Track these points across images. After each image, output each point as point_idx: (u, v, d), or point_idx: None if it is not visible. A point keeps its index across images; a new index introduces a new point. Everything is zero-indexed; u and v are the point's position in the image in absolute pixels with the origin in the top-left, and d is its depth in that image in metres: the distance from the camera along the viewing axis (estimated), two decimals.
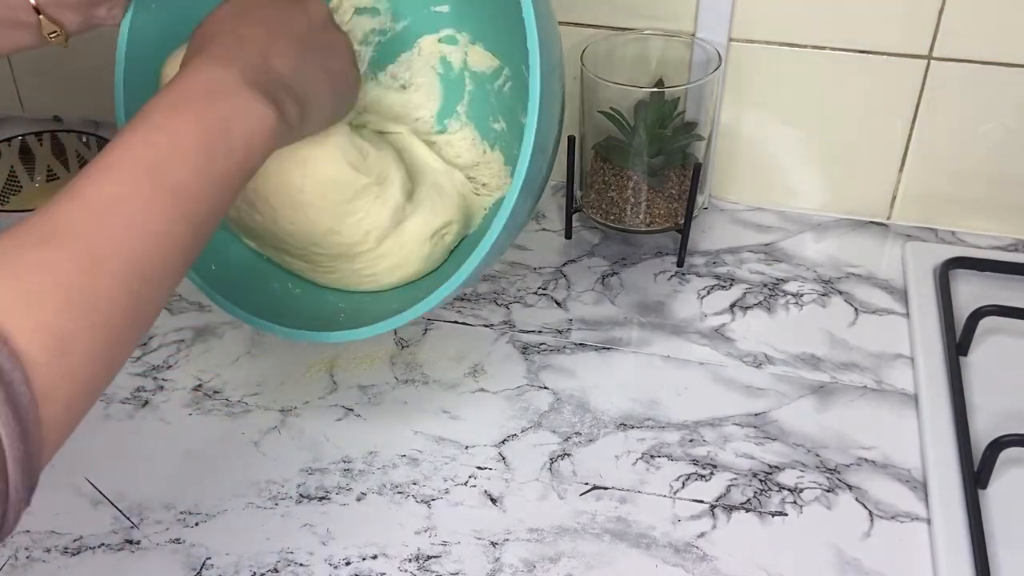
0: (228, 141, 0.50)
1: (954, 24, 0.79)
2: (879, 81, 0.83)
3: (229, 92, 0.52)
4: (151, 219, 0.46)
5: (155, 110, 0.49)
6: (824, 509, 0.64)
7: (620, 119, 0.80)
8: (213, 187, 0.49)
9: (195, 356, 0.76)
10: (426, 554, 0.61)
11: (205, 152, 0.49)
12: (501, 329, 0.78)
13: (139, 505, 0.65)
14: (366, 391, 0.73)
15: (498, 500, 0.65)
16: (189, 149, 0.48)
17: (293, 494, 0.65)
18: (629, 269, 0.84)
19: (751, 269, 0.84)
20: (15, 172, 0.90)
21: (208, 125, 0.50)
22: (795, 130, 0.87)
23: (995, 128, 0.83)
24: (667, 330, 0.78)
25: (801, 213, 0.90)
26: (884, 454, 0.67)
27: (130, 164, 0.46)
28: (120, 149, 0.47)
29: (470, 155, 0.73)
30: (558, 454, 0.68)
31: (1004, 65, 0.80)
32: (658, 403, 0.72)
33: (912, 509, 0.64)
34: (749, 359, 0.75)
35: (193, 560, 0.61)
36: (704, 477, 0.66)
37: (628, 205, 0.83)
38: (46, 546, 0.62)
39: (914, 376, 0.73)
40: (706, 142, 0.83)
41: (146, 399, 0.72)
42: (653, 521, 0.63)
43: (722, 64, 0.82)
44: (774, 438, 0.69)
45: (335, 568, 0.61)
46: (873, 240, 0.87)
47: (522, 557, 0.61)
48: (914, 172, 0.86)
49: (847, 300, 0.81)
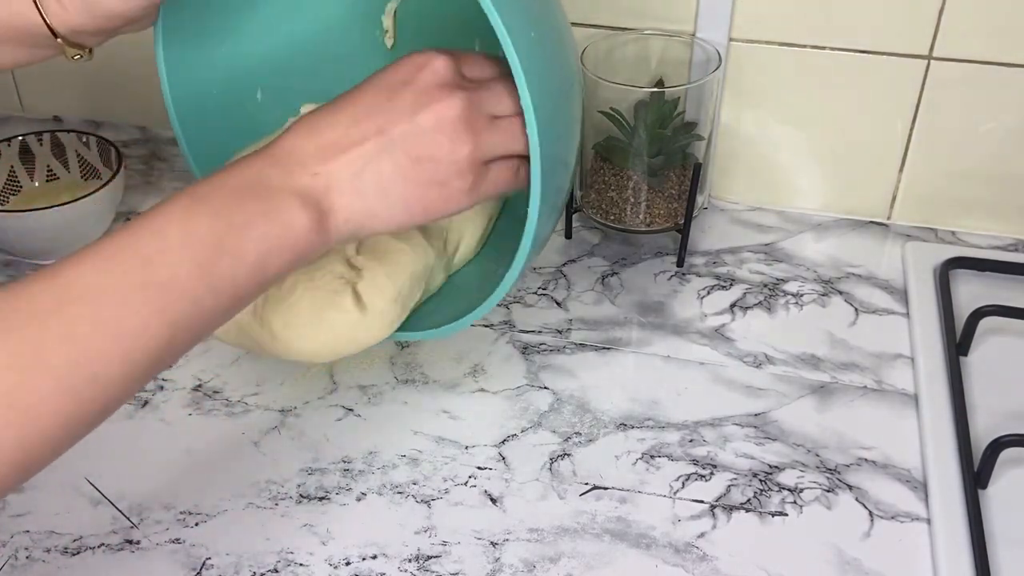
0: (241, 243, 0.46)
1: (954, 24, 0.79)
2: (879, 81, 0.83)
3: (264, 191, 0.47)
4: (124, 315, 0.42)
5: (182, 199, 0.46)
6: (824, 509, 0.64)
7: (620, 119, 0.80)
8: (210, 290, 0.45)
9: (195, 356, 0.76)
10: (426, 554, 0.61)
11: (211, 248, 0.45)
12: (501, 329, 0.78)
13: (139, 505, 0.65)
14: (366, 391, 0.73)
15: (498, 500, 0.65)
16: (196, 248, 0.44)
17: (293, 494, 0.65)
18: (629, 269, 0.84)
19: (751, 269, 0.84)
20: (15, 172, 0.90)
21: (224, 226, 0.45)
22: (795, 130, 0.87)
23: (995, 128, 0.83)
24: (667, 330, 0.78)
25: (801, 213, 0.90)
26: (884, 454, 0.67)
27: (128, 253, 0.43)
28: (128, 236, 0.44)
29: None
30: (558, 454, 0.68)
31: (1004, 65, 0.80)
32: (658, 403, 0.72)
33: (912, 509, 0.64)
34: (749, 359, 0.75)
35: (193, 560, 0.61)
36: (704, 477, 0.66)
37: (628, 205, 0.83)
38: (46, 546, 0.62)
39: (914, 376, 0.73)
40: (706, 142, 0.83)
41: (146, 399, 0.72)
42: (653, 521, 0.63)
43: (722, 64, 0.82)
44: (774, 438, 0.69)
45: (335, 568, 0.61)
46: (873, 240, 0.87)
47: (522, 557, 0.61)
48: (914, 172, 0.86)
49: (847, 300, 0.81)
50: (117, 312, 0.42)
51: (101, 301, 0.42)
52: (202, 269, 0.45)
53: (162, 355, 0.44)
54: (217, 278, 0.45)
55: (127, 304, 0.42)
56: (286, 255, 0.48)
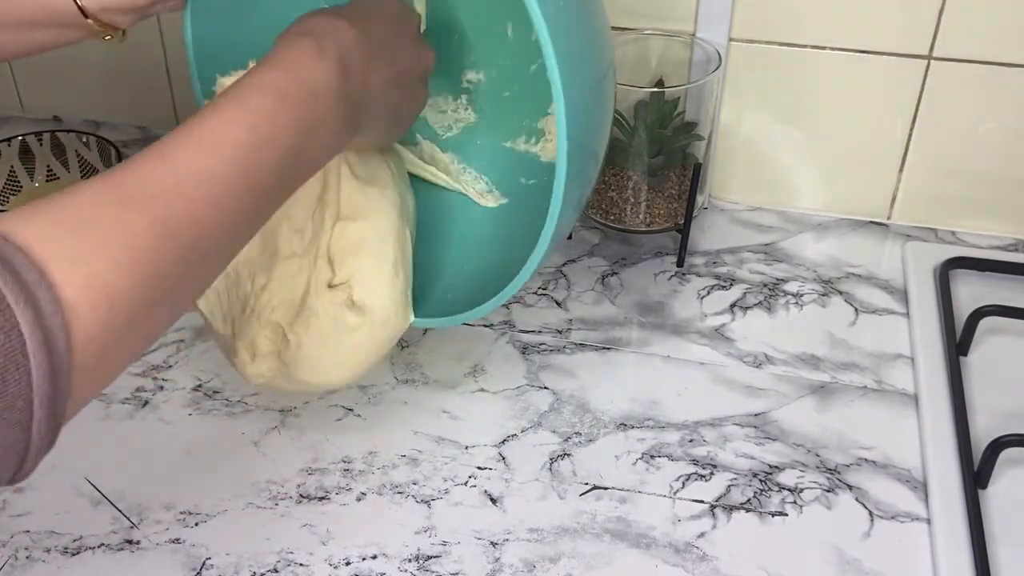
0: (312, 151, 0.51)
1: (954, 24, 0.79)
2: (879, 81, 0.83)
3: (327, 99, 0.52)
4: (227, 202, 0.46)
5: (261, 92, 0.49)
6: (824, 509, 0.64)
7: (620, 119, 0.80)
8: (285, 187, 0.50)
9: (195, 356, 0.76)
10: (426, 554, 0.61)
11: (294, 154, 0.49)
12: (501, 329, 0.78)
13: (139, 505, 0.65)
14: (366, 391, 0.73)
15: (498, 500, 0.65)
16: (282, 147, 0.48)
17: (293, 494, 0.65)
18: (629, 269, 0.84)
19: (751, 269, 0.84)
20: (15, 172, 0.90)
21: (304, 129, 0.50)
22: (795, 130, 0.87)
23: (995, 128, 0.83)
24: (667, 330, 0.78)
25: (801, 213, 0.90)
26: (884, 454, 0.67)
27: (229, 142, 0.46)
28: (220, 123, 0.47)
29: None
30: (558, 454, 0.68)
31: (1004, 65, 0.80)
32: (658, 403, 0.72)
33: (912, 509, 0.64)
34: (749, 359, 0.75)
35: (193, 560, 0.61)
36: (704, 477, 0.66)
37: (628, 205, 0.83)
38: (46, 546, 0.62)
39: (914, 376, 0.73)
40: (706, 142, 0.83)
41: (146, 399, 0.72)
42: (653, 521, 0.63)
43: (722, 64, 0.82)
44: (774, 438, 0.69)
45: (335, 568, 0.61)
46: (873, 240, 0.87)
47: (522, 557, 0.61)
48: (914, 172, 0.86)
49: (847, 300, 0.81)
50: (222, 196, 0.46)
51: (213, 185, 0.45)
52: (284, 171, 0.49)
53: (241, 243, 0.49)
54: (292, 177, 0.50)
55: (231, 192, 0.46)
56: (325, 157, 0.54)
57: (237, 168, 0.46)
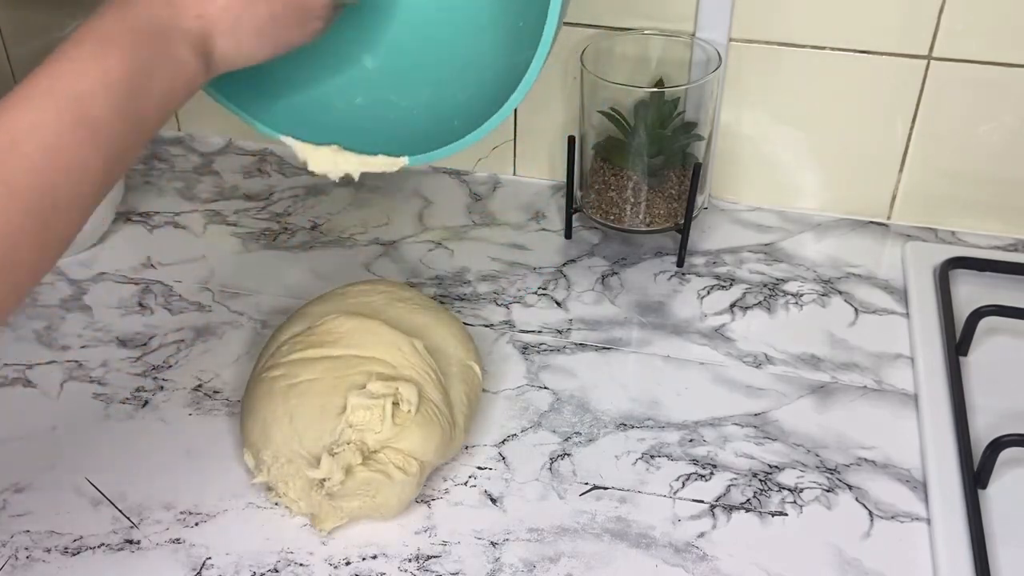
0: (149, 84, 0.51)
1: (954, 24, 0.79)
2: (879, 81, 0.83)
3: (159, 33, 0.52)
4: (66, 150, 0.47)
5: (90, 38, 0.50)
6: (824, 509, 0.64)
7: (620, 119, 0.80)
8: (130, 127, 0.50)
9: (195, 356, 0.76)
10: (426, 554, 0.61)
11: (128, 93, 0.50)
12: (501, 329, 0.78)
13: (139, 505, 0.65)
14: None
15: (498, 500, 0.65)
16: (115, 87, 0.49)
17: None
18: (629, 269, 0.84)
19: (751, 269, 0.84)
20: None
21: (136, 66, 0.50)
22: (795, 130, 0.87)
23: (995, 128, 0.83)
24: (667, 330, 0.78)
25: (801, 213, 0.90)
26: (884, 454, 0.67)
27: (57, 93, 0.47)
28: (49, 78, 0.48)
29: None
30: (558, 454, 0.68)
31: (1004, 65, 0.80)
32: (658, 403, 0.72)
33: (912, 509, 0.64)
34: (749, 359, 0.75)
35: (193, 560, 0.61)
36: (704, 477, 0.66)
37: (628, 205, 0.83)
38: (46, 546, 0.62)
39: (914, 376, 0.73)
40: (706, 142, 0.83)
41: (146, 399, 0.72)
42: (653, 521, 0.63)
43: (722, 64, 0.82)
44: (774, 438, 0.69)
45: (335, 568, 0.61)
46: (873, 240, 0.87)
47: (522, 557, 0.61)
48: (914, 172, 0.86)
49: (847, 300, 0.81)
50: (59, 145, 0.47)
51: (46, 137, 0.46)
52: (121, 109, 0.50)
53: (98, 188, 0.49)
54: (133, 116, 0.51)
55: (68, 140, 0.47)
56: (179, 93, 0.54)
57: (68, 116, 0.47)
